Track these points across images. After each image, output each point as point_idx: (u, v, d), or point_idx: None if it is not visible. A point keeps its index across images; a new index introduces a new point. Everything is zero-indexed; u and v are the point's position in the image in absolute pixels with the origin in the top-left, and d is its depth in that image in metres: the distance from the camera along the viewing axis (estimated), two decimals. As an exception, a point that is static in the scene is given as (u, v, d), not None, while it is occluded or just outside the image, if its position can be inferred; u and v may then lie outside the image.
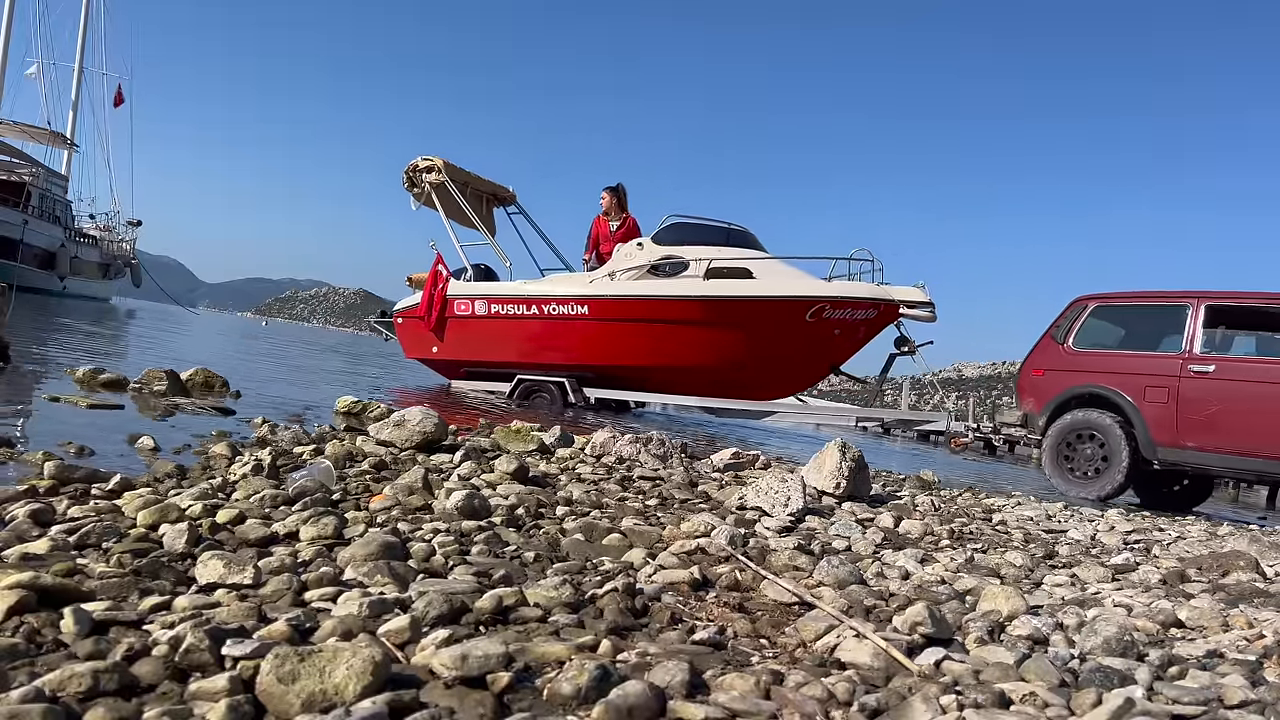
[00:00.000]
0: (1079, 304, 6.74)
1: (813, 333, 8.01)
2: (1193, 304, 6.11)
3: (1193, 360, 5.95)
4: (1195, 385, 5.90)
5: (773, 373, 8.42)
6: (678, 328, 8.24)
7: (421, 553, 1.70)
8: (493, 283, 9.44)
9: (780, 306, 7.98)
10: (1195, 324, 6.03)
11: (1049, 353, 6.74)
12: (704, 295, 8.07)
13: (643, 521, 2.35)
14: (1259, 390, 5.67)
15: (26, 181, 26.19)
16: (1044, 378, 6.71)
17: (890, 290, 7.97)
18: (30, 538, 1.52)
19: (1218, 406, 5.80)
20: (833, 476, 3.23)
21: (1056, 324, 6.76)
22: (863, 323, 8.06)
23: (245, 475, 2.28)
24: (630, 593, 1.55)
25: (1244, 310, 6.01)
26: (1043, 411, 6.58)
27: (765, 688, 1.16)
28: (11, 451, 2.24)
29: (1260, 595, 2.17)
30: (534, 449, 3.52)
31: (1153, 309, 6.45)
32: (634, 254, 8.54)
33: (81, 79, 35.39)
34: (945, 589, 1.95)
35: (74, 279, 29.17)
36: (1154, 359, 6.16)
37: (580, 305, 8.56)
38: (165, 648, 1.07)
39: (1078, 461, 6.36)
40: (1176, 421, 5.94)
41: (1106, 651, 1.49)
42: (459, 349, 9.26)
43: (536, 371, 8.87)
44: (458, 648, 1.09)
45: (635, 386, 8.72)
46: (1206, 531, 4.05)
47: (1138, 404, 6.10)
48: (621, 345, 8.47)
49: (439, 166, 9.49)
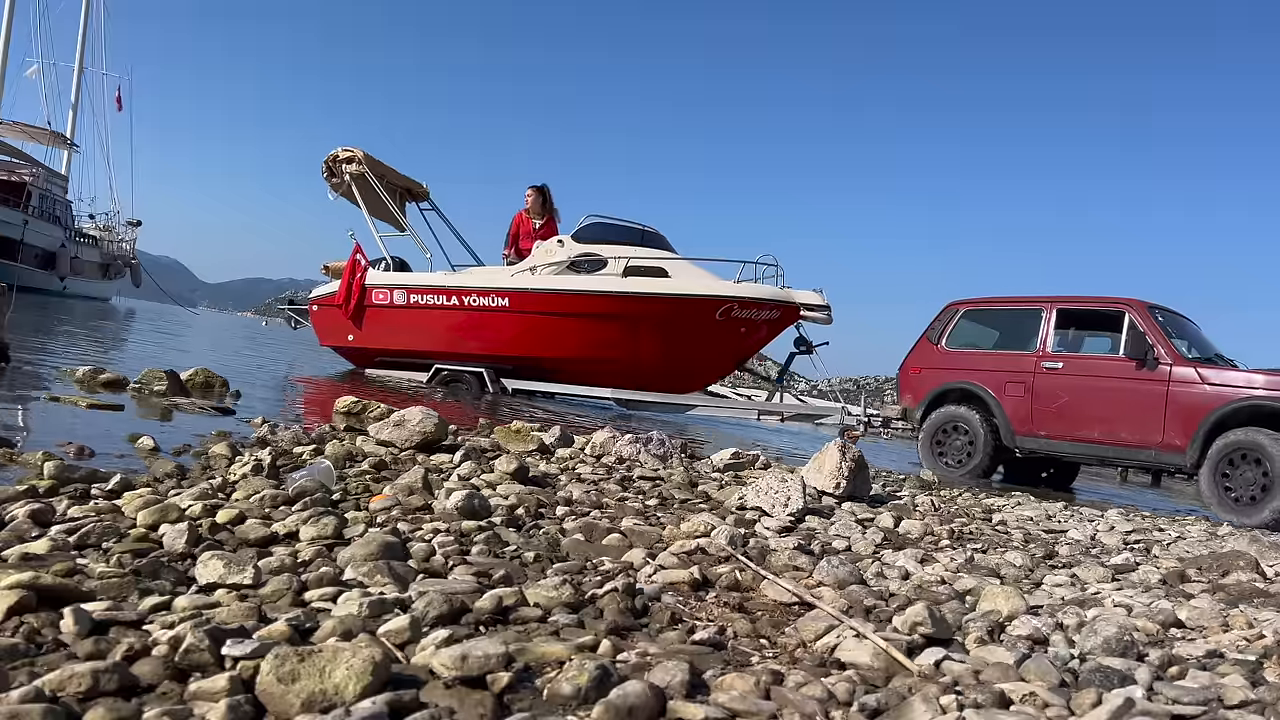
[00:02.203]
0: (951, 308, 7.46)
1: (722, 330, 8.50)
2: (1046, 308, 6.82)
3: (1045, 358, 6.67)
4: (1047, 381, 6.62)
5: (684, 367, 8.87)
6: (596, 322, 8.60)
7: (421, 553, 1.70)
8: (413, 273, 9.63)
9: (694, 305, 8.43)
10: (1048, 326, 6.74)
11: (925, 352, 7.47)
12: (623, 292, 8.47)
13: (643, 521, 2.35)
14: (1095, 384, 6.42)
15: (27, 181, 26.16)
16: (920, 375, 7.43)
17: (792, 293, 8.53)
18: (30, 538, 1.52)
19: (1065, 399, 6.51)
20: (833, 476, 3.23)
21: (932, 326, 7.48)
22: (766, 322, 8.63)
23: (245, 475, 2.28)
24: (630, 593, 1.55)
25: (1087, 313, 6.79)
26: (919, 406, 7.28)
27: (765, 688, 1.16)
28: (11, 452, 2.24)
29: (1260, 595, 2.17)
30: (534, 449, 3.52)
31: (1013, 312, 7.18)
32: (554, 250, 8.84)
33: (81, 79, 35.37)
34: (945, 589, 1.95)
35: (74, 279, 29.14)
36: (1013, 357, 6.86)
37: (501, 298, 8.82)
38: (165, 648, 1.07)
39: (948, 450, 7.04)
40: (1032, 413, 6.64)
41: (1106, 651, 1.49)
42: (376, 337, 9.42)
43: (455, 361, 9.10)
44: (458, 648, 1.09)
45: (553, 378, 8.97)
46: (1206, 531, 4.05)
47: (999, 398, 6.82)
48: (541, 337, 8.78)
49: (360, 158, 9.68)
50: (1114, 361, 6.39)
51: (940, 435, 7.06)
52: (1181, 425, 5.98)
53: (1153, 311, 6.47)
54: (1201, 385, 5.99)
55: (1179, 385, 6.06)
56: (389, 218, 10.06)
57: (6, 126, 28.76)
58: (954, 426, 7.00)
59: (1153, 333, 6.28)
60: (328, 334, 9.96)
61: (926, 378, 7.33)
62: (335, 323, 9.66)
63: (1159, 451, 6.10)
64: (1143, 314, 6.40)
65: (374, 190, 9.74)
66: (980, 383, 6.92)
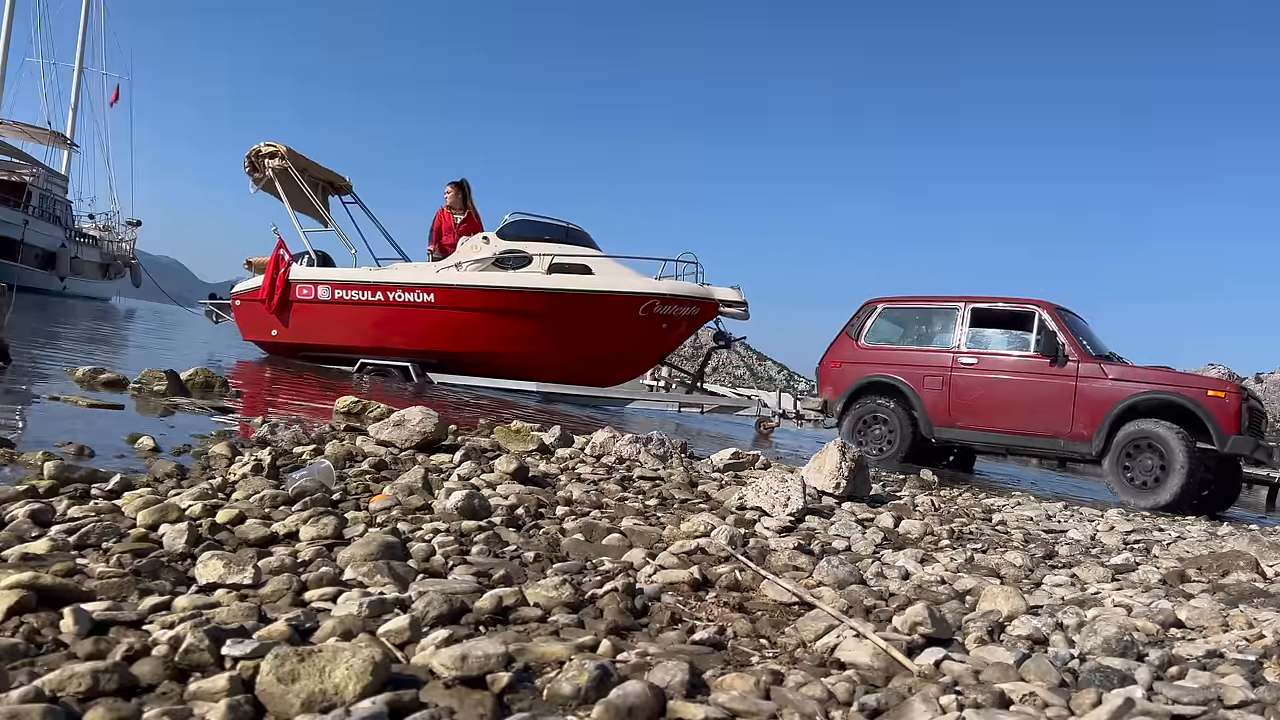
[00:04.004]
0: (869, 306, 7.81)
1: (645, 326, 8.79)
2: (961, 306, 7.25)
3: (961, 354, 7.12)
4: (963, 376, 7.09)
5: (608, 362, 9.13)
6: (520, 318, 8.77)
7: (421, 553, 1.70)
8: (338, 269, 9.72)
9: (617, 301, 8.67)
10: (963, 324, 7.19)
11: (845, 348, 7.85)
12: (547, 289, 8.64)
13: (643, 521, 2.35)
14: (1008, 379, 6.91)
15: (27, 181, 26.14)
16: (840, 369, 7.81)
17: (711, 290, 8.85)
18: (30, 538, 1.52)
19: (981, 393, 7.01)
20: (833, 476, 3.23)
21: (851, 323, 7.84)
22: (687, 318, 8.98)
23: (245, 475, 2.28)
24: (630, 593, 1.55)
25: (999, 313, 7.19)
26: (839, 399, 7.69)
27: (765, 688, 1.16)
28: (11, 451, 2.24)
29: (1260, 595, 2.17)
30: (534, 449, 3.52)
31: (930, 310, 7.54)
32: (479, 247, 9.03)
33: (81, 79, 35.37)
34: (945, 589, 1.95)
35: (74, 279, 29.12)
36: (931, 353, 7.30)
37: (427, 294, 8.94)
38: (165, 648, 1.07)
39: (869, 439, 7.46)
40: (949, 406, 7.10)
41: (1106, 651, 1.49)
42: (301, 332, 9.49)
43: (380, 356, 9.21)
44: (458, 648, 1.09)
45: (478, 372, 9.08)
46: (1206, 531, 4.05)
47: (918, 392, 7.23)
48: (466, 333, 8.92)
49: (283, 152, 9.75)
50: (1026, 358, 6.85)
51: (861, 426, 7.50)
52: (1088, 417, 6.50)
53: (1060, 312, 6.94)
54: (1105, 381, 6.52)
55: (1086, 381, 6.57)
56: (312, 212, 10.17)
57: (6, 126, 28.75)
58: (875, 418, 7.44)
59: (1062, 332, 6.73)
60: (251, 329, 10.01)
61: (847, 372, 7.73)
62: (258, 318, 9.72)
63: (1068, 441, 6.60)
64: (1052, 314, 6.86)
65: (296, 184, 9.82)
66: (900, 377, 7.34)
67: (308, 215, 10.22)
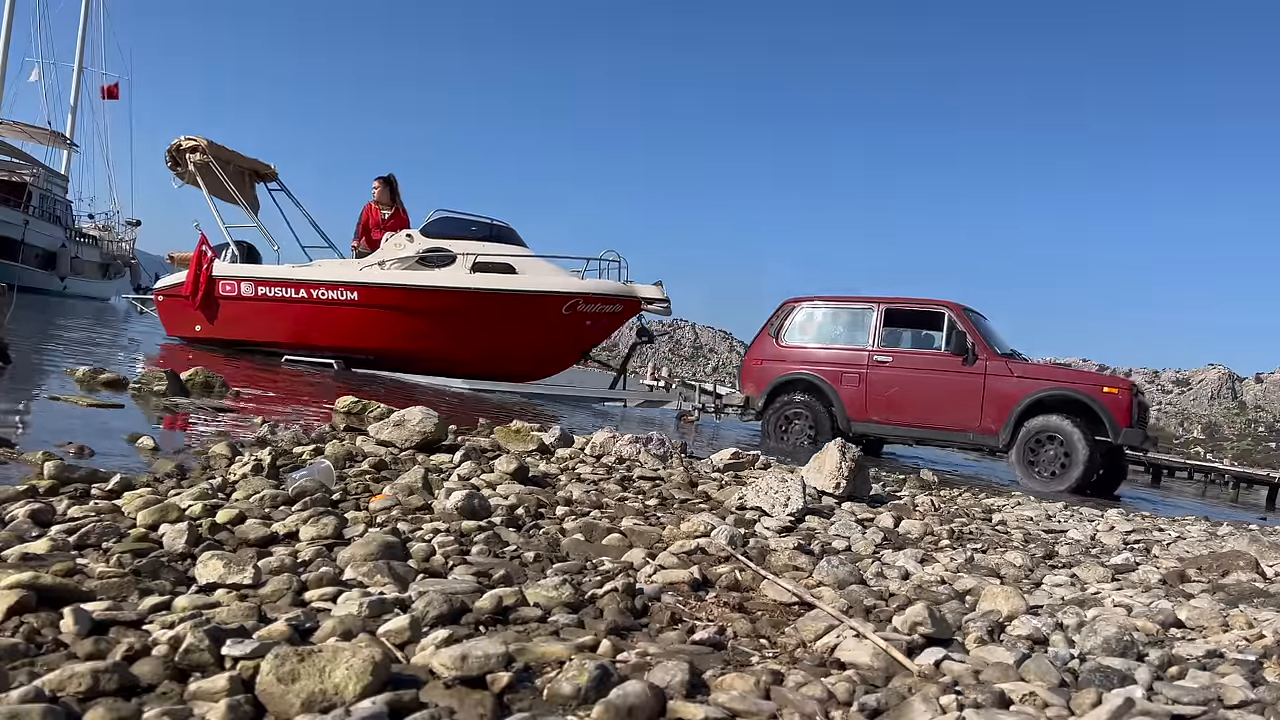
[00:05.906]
0: (789, 305, 8.13)
1: (568, 324, 8.92)
2: (875, 306, 7.65)
3: (876, 353, 7.53)
4: (878, 373, 7.48)
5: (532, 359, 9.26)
6: (444, 317, 8.83)
7: (421, 553, 1.70)
8: (261, 265, 9.73)
9: (540, 300, 8.80)
10: (877, 323, 7.59)
11: (766, 346, 8.18)
12: (470, 288, 8.73)
13: (643, 521, 2.35)
14: (921, 375, 7.32)
15: (27, 181, 26.14)
16: (762, 366, 8.14)
17: (634, 287, 9.03)
18: (30, 538, 1.52)
19: (895, 389, 7.39)
20: (833, 476, 3.23)
21: (771, 322, 8.17)
22: (610, 315, 9.12)
23: (245, 475, 2.28)
24: (630, 593, 1.55)
25: (911, 313, 7.66)
26: (761, 395, 8.04)
27: (765, 688, 1.16)
28: (12, 451, 2.24)
29: (1260, 595, 2.17)
30: (534, 449, 3.52)
31: (846, 310, 7.90)
32: (403, 244, 9.08)
33: (81, 79, 35.35)
34: (945, 589, 1.95)
35: (74, 279, 29.11)
36: (848, 351, 7.68)
37: (350, 291, 8.99)
38: (165, 648, 1.07)
39: (791, 433, 7.85)
40: (865, 401, 7.52)
41: (1106, 651, 1.49)
42: (225, 328, 9.50)
43: (304, 352, 9.25)
44: (458, 648, 1.09)
45: (402, 369, 9.14)
46: (1206, 531, 4.05)
47: (836, 388, 7.65)
48: (390, 331, 8.99)
49: (203, 146, 9.75)
50: (937, 356, 7.31)
51: (782, 421, 7.93)
52: (996, 411, 7.00)
53: (967, 312, 7.37)
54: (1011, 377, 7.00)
55: (993, 377, 7.05)
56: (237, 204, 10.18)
57: (6, 126, 28.74)
58: (796, 414, 7.85)
59: (970, 332, 7.16)
60: (175, 324, 10.01)
61: (768, 369, 8.07)
62: (182, 313, 9.74)
63: (976, 434, 7.13)
64: (960, 314, 7.29)
65: (219, 178, 9.83)
66: (819, 374, 7.76)
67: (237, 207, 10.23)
